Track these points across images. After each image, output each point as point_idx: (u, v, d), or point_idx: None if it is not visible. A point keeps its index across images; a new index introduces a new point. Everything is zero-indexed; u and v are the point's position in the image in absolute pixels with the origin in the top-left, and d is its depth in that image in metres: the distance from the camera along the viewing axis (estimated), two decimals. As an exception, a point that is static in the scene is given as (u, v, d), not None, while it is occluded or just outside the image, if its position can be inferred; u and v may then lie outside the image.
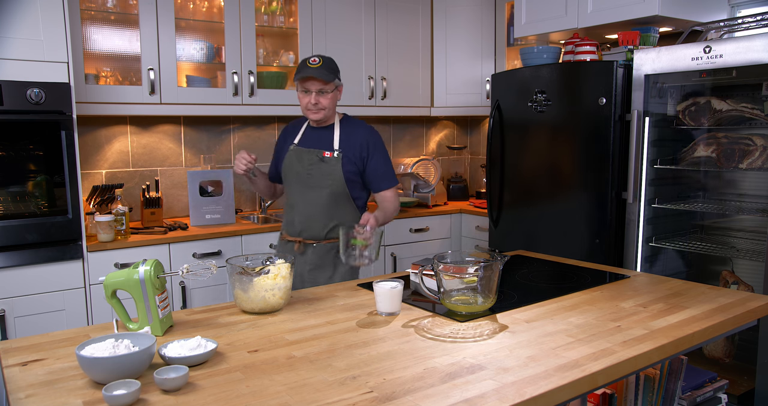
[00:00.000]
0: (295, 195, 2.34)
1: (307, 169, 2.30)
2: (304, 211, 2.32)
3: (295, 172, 2.33)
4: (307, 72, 2.20)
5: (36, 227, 2.50)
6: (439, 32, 3.93)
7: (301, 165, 2.31)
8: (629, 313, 1.59)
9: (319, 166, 2.29)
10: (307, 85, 2.23)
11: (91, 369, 1.16)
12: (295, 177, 2.33)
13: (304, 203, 2.31)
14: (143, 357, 1.18)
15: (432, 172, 4.07)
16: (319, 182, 2.29)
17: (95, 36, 2.97)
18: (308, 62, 2.22)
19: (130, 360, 1.16)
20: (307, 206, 2.31)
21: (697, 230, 2.97)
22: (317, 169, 2.29)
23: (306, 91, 2.24)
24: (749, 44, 2.27)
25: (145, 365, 1.19)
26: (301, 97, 2.26)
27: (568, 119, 2.93)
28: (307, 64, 2.22)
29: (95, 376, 1.16)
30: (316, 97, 2.24)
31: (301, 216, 2.32)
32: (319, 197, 2.29)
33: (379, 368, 1.23)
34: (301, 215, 2.33)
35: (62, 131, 2.51)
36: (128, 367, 1.15)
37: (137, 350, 1.19)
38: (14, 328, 2.47)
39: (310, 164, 2.30)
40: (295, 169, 2.33)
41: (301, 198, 2.32)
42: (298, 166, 2.31)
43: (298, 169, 2.32)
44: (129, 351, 1.19)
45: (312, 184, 2.29)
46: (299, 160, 2.31)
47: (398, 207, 2.38)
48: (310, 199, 2.31)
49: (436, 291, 1.63)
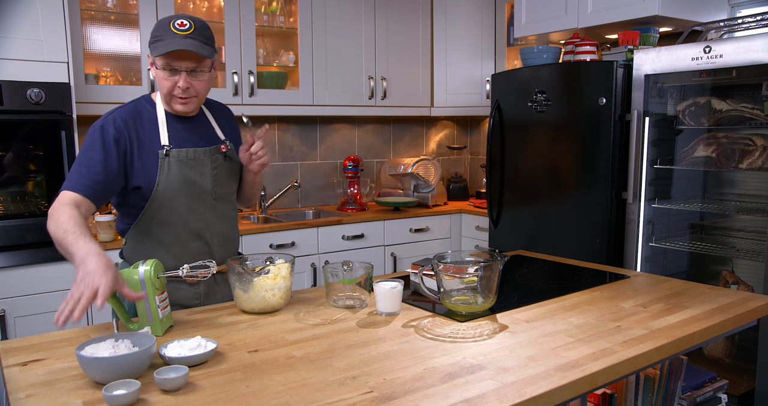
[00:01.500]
0: (195, 216, 1.70)
1: (212, 176, 1.71)
2: (218, 232, 1.76)
3: (191, 185, 1.67)
4: (174, 43, 1.53)
5: (36, 227, 2.50)
6: (439, 32, 3.93)
7: (198, 173, 1.68)
8: (629, 313, 1.59)
9: (226, 168, 1.76)
10: (174, 62, 1.56)
11: (91, 369, 1.16)
12: (192, 193, 1.68)
13: (218, 221, 1.76)
14: (143, 357, 1.18)
15: (432, 172, 4.07)
16: (229, 189, 1.80)
17: (95, 36, 2.97)
18: (173, 26, 1.54)
19: (130, 360, 1.16)
20: (222, 225, 1.77)
21: (697, 230, 2.97)
22: (224, 173, 1.76)
23: (171, 71, 1.57)
24: (749, 44, 2.27)
25: (146, 365, 1.19)
26: (163, 78, 1.58)
27: (568, 119, 2.93)
28: (171, 29, 1.54)
29: (95, 376, 1.16)
30: (187, 79, 1.59)
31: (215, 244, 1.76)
32: (231, 210, 1.82)
33: (379, 368, 1.23)
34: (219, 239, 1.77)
35: (62, 131, 2.51)
36: (128, 367, 1.15)
37: (137, 350, 1.19)
38: (14, 328, 2.47)
39: (214, 168, 1.72)
40: (190, 181, 1.67)
41: (211, 217, 1.74)
42: (194, 175, 1.67)
43: (195, 180, 1.68)
44: (129, 351, 1.19)
45: (219, 194, 1.75)
46: (192, 167, 1.67)
47: None
48: (222, 215, 1.77)
49: (436, 291, 1.63)
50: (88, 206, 1.53)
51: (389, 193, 4.00)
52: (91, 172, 1.55)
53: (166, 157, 1.64)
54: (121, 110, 1.65)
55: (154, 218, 1.67)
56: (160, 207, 1.65)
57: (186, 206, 1.68)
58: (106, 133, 1.59)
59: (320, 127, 3.93)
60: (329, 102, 3.57)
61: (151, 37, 1.59)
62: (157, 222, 1.67)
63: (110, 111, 1.66)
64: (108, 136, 1.59)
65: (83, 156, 1.57)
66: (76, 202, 1.50)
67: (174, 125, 1.68)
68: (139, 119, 1.65)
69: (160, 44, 1.55)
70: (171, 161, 1.64)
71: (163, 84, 1.60)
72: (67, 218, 1.42)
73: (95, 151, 1.57)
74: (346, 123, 4.04)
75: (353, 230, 3.40)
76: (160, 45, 1.55)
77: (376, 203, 3.74)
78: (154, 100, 1.71)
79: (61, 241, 1.39)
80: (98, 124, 1.62)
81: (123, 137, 1.61)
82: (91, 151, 1.57)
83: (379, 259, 3.52)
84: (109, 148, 1.58)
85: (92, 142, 1.58)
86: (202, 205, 1.71)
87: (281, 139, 3.78)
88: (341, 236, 3.37)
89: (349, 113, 3.70)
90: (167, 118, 1.67)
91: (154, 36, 1.58)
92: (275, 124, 3.75)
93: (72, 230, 1.38)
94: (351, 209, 3.69)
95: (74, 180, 1.53)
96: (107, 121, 1.61)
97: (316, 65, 3.49)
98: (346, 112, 3.68)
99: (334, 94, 3.58)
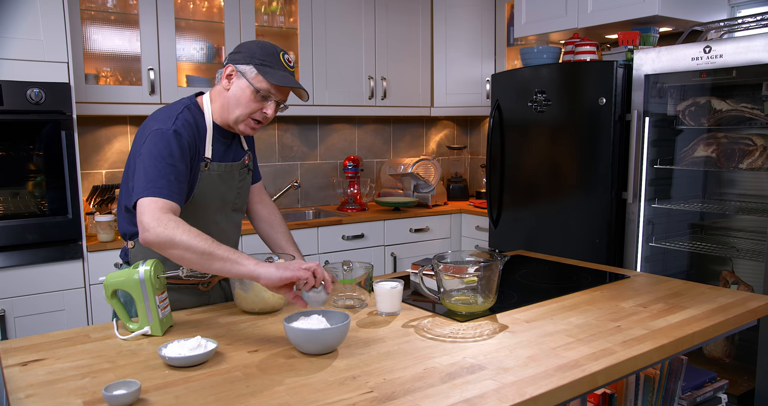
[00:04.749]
0: (216, 228, 1.70)
1: (237, 189, 1.75)
2: (233, 242, 1.79)
3: (219, 198, 1.69)
4: (288, 78, 1.59)
5: (36, 227, 2.50)
6: (439, 32, 3.93)
7: (228, 186, 1.71)
8: (629, 313, 1.59)
9: (248, 181, 1.80)
10: (276, 93, 1.59)
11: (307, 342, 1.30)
12: (217, 205, 1.70)
13: (232, 231, 1.79)
14: (345, 330, 1.33)
15: (432, 172, 4.07)
16: (246, 200, 1.84)
17: (95, 36, 2.97)
18: (284, 59, 1.60)
19: (337, 333, 1.31)
20: (235, 235, 1.81)
21: (697, 230, 2.97)
22: (245, 186, 1.79)
23: (265, 98, 1.59)
24: (749, 44, 2.27)
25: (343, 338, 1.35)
26: (252, 100, 1.58)
27: (568, 119, 2.93)
28: (282, 62, 1.60)
29: (308, 349, 1.31)
30: (275, 110, 1.62)
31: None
32: (241, 219, 1.83)
33: (379, 368, 1.23)
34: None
35: (62, 131, 2.51)
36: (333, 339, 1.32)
37: (339, 325, 1.32)
38: (14, 328, 2.47)
39: (240, 181, 1.75)
40: (220, 195, 1.69)
41: (229, 228, 1.77)
42: (225, 189, 1.70)
43: (224, 194, 1.70)
44: (333, 325, 1.35)
45: (237, 206, 1.78)
46: (225, 181, 1.69)
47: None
48: (236, 225, 1.81)
49: (436, 291, 1.63)
50: (177, 214, 1.49)
51: (389, 193, 4.00)
52: (178, 181, 1.50)
53: (207, 169, 1.62)
54: (184, 115, 1.59)
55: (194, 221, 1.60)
56: (187, 218, 1.55)
57: (211, 218, 1.69)
58: (182, 140, 1.53)
59: (320, 127, 3.93)
60: (329, 102, 3.57)
61: (255, 59, 1.57)
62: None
63: (168, 114, 1.58)
64: (184, 143, 1.54)
65: (164, 162, 1.49)
66: (172, 211, 1.45)
67: (218, 138, 1.66)
68: (195, 127, 1.61)
69: (273, 72, 1.56)
70: (210, 175, 1.63)
71: (249, 105, 1.58)
72: (197, 232, 1.40)
73: (176, 157, 1.51)
74: (346, 123, 4.04)
75: (353, 230, 3.40)
76: (273, 73, 1.56)
77: (376, 203, 3.74)
78: (202, 109, 1.65)
79: (208, 266, 1.39)
80: (168, 128, 1.53)
81: (192, 145, 1.57)
82: (171, 158, 1.50)
83: (379, 259, 3.52)
84: (186, 156, 1.54)
85: (170, 148, 1.51)
86: (224, 217, 1.73)
87: (281, 139, 3.78)
88: (341, 236, 3.37)
89: (349, 113, 3.70)
90: (214, 131, 1.65)
91: (260, 59, 1.57)
92: (275, 124, 3.75)
93: (212, 249, 1.38)
94: (351, 209, 3.69)
95: (165, 187, 1.47)
96: (178, 126, 1.54)
97: (316, 65, 3.49)
98: (346, 112, 3.68)
99: (334, 94, 3.58)
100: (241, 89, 1.58)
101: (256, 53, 1.58)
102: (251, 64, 1.57)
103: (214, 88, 1.67)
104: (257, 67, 1.56)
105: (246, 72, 1.57)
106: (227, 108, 1.62)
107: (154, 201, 1.44)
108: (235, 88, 1.59)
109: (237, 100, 1.59)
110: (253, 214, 1.93)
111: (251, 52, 1.58)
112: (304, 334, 1.29)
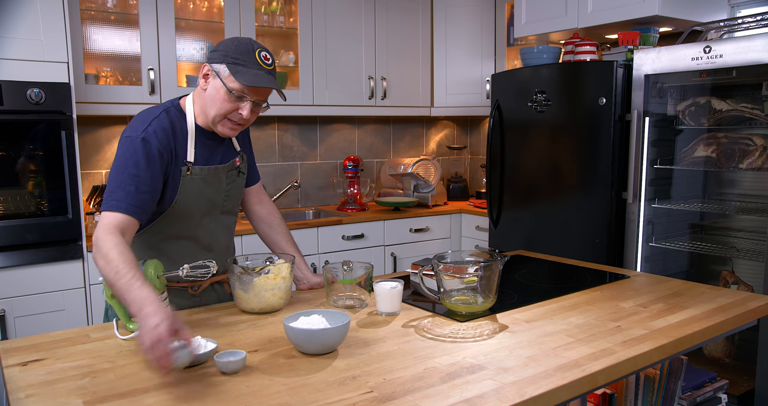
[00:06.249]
0: (204, 231, 1.67)
1: (225, 191, 1.69)
2: (224, 245, 1.76)
3: (206, 201, 1.64)
4: (261, 78, 1.50)
5: (36, 227, 2.50)
6: (439, 32, 3.93)
7: (214, 189, 1.65)
8: (629, 313, 1.59)
9: (238, 183, 1.74)
10: (250, 93, 1.52)
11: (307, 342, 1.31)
12: (204, 208, 1.65)
13: (222, 234, 1.75)
14: (344, 331, 1.33)
15: (432, 172, 4.07)
16: (237, 202, 1.78)
17: (95, 36, 2.97)
18: (259, 57, 1.52)
19: (337, 333, 1.32)
20: (227, 238, 1.77)
21: (697, 230, 2.97)
22: (235, 188, 1.73)
23: (240, 98, 1.52)
24: (749, 44, 2.27)
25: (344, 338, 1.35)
26: (226, 100, 1.51)
27: (568, 119, 2.93)
28: (257, 60, 1.51)
29: (308, 349, 1.31)
30: (254, 110, 1.56)
31: (220, 256, 1.72)
32: (233, 222, 1.79)
33: (379, 368, 1.23)
34: (224, 252, 1.75)
35: (62, 131, 2.51)
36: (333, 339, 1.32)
37: (339, 325, 1.32)
38: (14, 328, 2.47)
39: (228, 184, 1.69)
40: (207, 198, 1.64)
41: (219, 230, 1.72)
42: (211, 192, 1.64)
43: (210, 197, 1.65)
44: (333, 325, 1.34)
45: (227, 209, 1.73)
46: (210, 184, 1.63)
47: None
48: (227, 227, 1.76)
49: (436, 291, 1.63)
50: (134, 228, 1.45)
51: (389, 193, 4.00)
52: (139, 191, 1.44)
53: (189, 174, 1.57)
54: (159, 121, 1.53)
55: (163, 232, 1.61)
56: (171, 222, 1.58)
57: (198, 221, 1.64)
58: (150, 147, 1.48)
59: (320, 127, 3.93)
60: (329, 102, 3.57)
61: (228, 57, 1.50)
62: (166, 236, 1.62)
63: (142, 119, 1.53)
64: (153, 151, 1.48)
65: (126, 172, 1.45)
66: (123, 226, 1.40)
67: (202, 140, 1.61)
68: (173, 131, 1.55)
69: (245, 71, 1.48)
70: (193, 179, 1.58)
71: (223, 106, 1.52)
72: (116, 254, 1.32)
73: (140, 167, 1.45)
74: (346, 123, 4.04)
75: (353, 230, 3.40)
76: (245, 72, 1.48)
77: (376, 202, 3.74)
78: (184, 111, 1.60)
79: (113, 283, 1.30)
80: (137, 135, 1.48)
81: (165, 152, 1.51)
82: (135, 168, 1.45)
83: (379, 259, 3.52)
84: (155, 165, 1.48)
85: (135, 157, 1.46)
86: (212, 220, 1.68)
87: (281, 140, 3.78)
88: (341, 236, 3.37)
89: (349, 113, 3.70)
90: (196, 133, 1.60)
91: (233, 58, 1.49)
92: (275, 124, 3.75)
93: (123, 270, 1.29)
94: (351, 209, 3.69)
95: (122, 200, 1.42)
96: (148, 133, 1.49)
97: (316, 65, 3.49)
98: (346, 112, 3.68)
99: (334, 94, 3.58)
100: (216, 89, 1.52)
101: (229, 51, 1.51)
102: (224, 62, 1.50)
103: (196, 89, 1.61)
104: (229, 67, 1.49)
105: (220, 71, 1.51)
106: (204, 109, 1.57)
107: (106, 216, 1.42)
108: (210, 89, 1.53)
109: (212, 101, 1.53)
110: (252, 214, 1.92)
111: (226, 50, 1.51)
112: (304, 334, 1.30)
